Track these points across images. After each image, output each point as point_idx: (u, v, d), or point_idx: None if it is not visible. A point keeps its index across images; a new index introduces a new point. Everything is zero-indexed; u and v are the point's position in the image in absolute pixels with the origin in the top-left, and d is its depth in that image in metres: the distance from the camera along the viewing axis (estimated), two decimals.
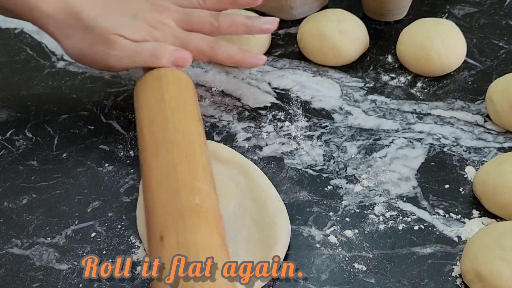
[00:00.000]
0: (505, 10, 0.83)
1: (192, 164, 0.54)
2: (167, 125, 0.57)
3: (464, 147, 0.66)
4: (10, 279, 0.56)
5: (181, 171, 0.53)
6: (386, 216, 0.60)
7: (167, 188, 0.52)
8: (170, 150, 0.55)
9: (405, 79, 0.74)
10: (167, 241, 0.48)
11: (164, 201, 0.51)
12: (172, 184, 0.52)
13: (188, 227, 0.49)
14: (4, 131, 0.70)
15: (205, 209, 0.51)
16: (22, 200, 0.63)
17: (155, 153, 0.56)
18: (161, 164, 0.54)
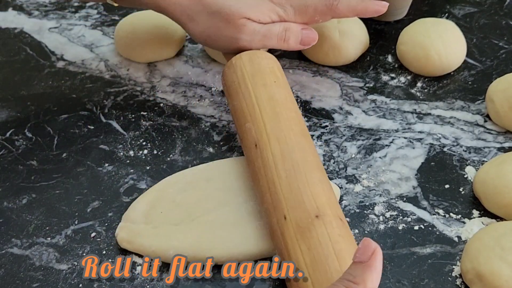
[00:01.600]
0: (505, 10, 0.83)
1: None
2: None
3: (464, 147, 0.66)
4: (10, 279, 0.56)
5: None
6: (386, 216, 0.60)
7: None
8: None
9: (405, 79, 0.74)
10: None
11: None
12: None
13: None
14: (4, 131, 0.70)
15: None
16: (22, 200, 0.63)
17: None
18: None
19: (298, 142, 0.57)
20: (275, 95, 0.61)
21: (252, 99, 0.61)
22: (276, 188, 0.54)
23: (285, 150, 0.56)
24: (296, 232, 0.51)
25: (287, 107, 0.60)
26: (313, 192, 0.53)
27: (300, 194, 0.53)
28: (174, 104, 0.72)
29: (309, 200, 0.52)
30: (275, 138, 0.57)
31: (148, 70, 0.77)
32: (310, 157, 0.56)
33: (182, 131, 0.69)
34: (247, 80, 0.63)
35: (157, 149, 0.67)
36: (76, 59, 0.79)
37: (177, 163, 0.66)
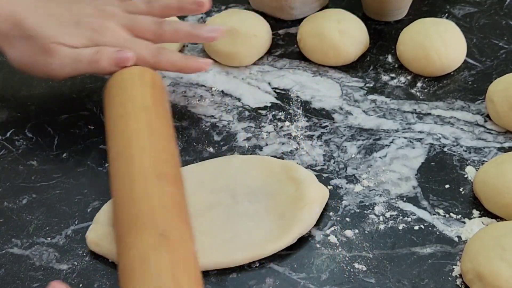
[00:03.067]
0: (505, 10, 0.83)
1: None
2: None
3: (464, 147, 0.66)
4: (10, 279, 0.56)
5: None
6: (386, 216, 0.60)
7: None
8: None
9: (405, 79, 0.74)
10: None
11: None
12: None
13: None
14: (4, 131, 0.70)
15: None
16: (22, 200, 0.63)
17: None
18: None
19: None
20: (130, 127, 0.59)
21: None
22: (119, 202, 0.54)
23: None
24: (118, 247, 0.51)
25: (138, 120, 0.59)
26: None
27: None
28: (174, 104, 0.72)
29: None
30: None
31: None
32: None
33: (182, 131, 0.69)
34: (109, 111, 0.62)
35: None
36: None
37: None
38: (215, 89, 0.74)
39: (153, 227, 0.49)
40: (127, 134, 0.57)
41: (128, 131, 0.58)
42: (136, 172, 0.54)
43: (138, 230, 0.49)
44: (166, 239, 0.49)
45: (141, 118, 0.59)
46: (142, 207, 0.51)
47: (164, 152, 0.57)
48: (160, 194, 0.52)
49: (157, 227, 0.49)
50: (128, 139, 0.57)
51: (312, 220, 0.59)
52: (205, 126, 0.70)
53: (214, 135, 0.69)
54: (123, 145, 0.57)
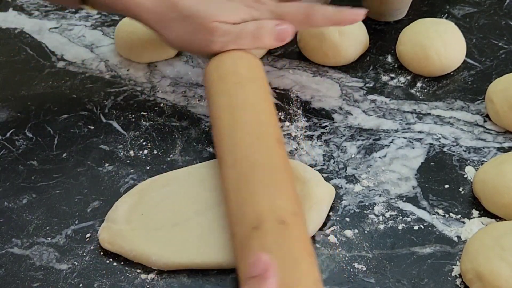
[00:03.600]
0: (505, 10, 0.83)
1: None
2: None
3: (463, 147, 0.66)
4: (10, 279, 0.56)
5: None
6: (386, 216, 0.60)
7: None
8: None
9: (405, 79, 0.74)
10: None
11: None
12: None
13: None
14: (4, 131, 0.70)
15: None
16: (22, 200, 0.63)
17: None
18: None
19: (252, 146, 0.56)
20: (236, 98, 0.60)
21: (215, 107, 0.61)
22: (228, 202, 0.54)
23: (237, 159, 0.56)
24: (239, 249, 0.50)
25: (246, 109, 0.59)
26: (255, 200, 0.52)
27: (244, 206, 0.52)
28: (174, 104, 0.73)
29: (249, 212, 0.51)
30: (229, 147, 0.57)
31: (148, 70, 0.77)
32: (262, 159, 0.55)
33: (182, 131, 0.69)
34: (212, 88, 0.63)
35: (157, 149, 0.67)
36: (76, 59, 0.79)
37: (177, 163, 0.66)
38: None
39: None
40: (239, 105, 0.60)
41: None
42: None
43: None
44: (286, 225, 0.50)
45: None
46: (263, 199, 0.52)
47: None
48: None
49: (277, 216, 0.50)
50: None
51: (320, 220, 0.59)
52: (205, 126, 0.70)
53: None
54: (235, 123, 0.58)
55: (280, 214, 0.51)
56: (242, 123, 0.58)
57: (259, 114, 0.60)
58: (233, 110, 0.60)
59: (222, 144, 0.58)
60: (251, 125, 0.58)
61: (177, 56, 0.79)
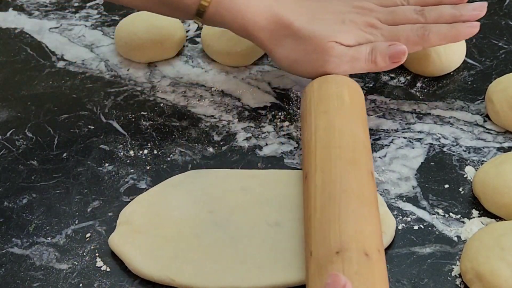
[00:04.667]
0: (505, 10, 0.83)
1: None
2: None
3: (463, 147, 0.66)
4: (10, 279, 0.57)
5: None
6: None
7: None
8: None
9: (405, 79, 0.74)
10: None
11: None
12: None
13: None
14: (4, 131, 0.70)
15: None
16: (22, 199, 0.63)
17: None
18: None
19: (343, 171, 0.55)
20: (334, 121, 0.59)
21: (311, 127, 0.60)
22: (310, 222, 0.53)
23: (326, 181, 0.54)
24: (316, 270, 0.49)
25: (343, 133, 0.58)
26: (342, 225, 0.51)
27: (328, 228, 0.51)
28: (174, 104, 0.73)
29: (334, 235, 0.50)
30: (320, 168, 0.56)
31: (148, 70, 0.77)
32: (353, 186, 0.54)
33: (182, 131, 0.69)
34: (312, 108, 0.62)
35: (157, 149, 0.67)
36: (76, 59, 0.79)
37: (177, 163, 0.66)
38: (215, 89, 0.74)
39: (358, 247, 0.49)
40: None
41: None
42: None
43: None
44: (369, 259, 0.49)
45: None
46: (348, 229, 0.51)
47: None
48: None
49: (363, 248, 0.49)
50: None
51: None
52: (205, 126, 0.70)
53: (214, 135, 0.69)
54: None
55: (365, 245, 0.49)
56: (338, 147, 0.57)
57: (356, 142, 0.58)
58: (330, 132, 0.59)
59: (311, 162, 0.57)
60: (347, 151, 0.57)
61: (177, 56, 0.79)
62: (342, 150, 0.57)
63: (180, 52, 0.79)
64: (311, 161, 0.57)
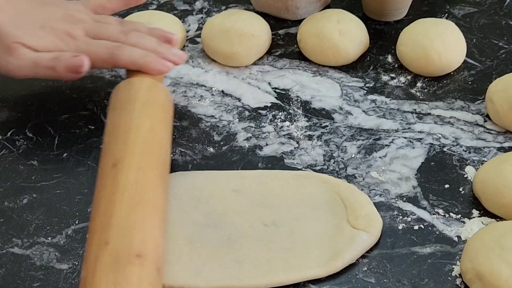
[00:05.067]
0: (505, 10, 0.83)
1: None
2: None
3: (464, 147, 0.66)
4: (10, 279, 0.57)
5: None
6: (386, 216, 0.60)
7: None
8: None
9: (405, 79, 0.74)
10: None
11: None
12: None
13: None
14: (5, 131, 0.70)
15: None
16: (23, 199, 0.63)
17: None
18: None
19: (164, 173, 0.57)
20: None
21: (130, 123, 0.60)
22: (114, 212, 0.53)
23: (140, 181, 0.55)
24: (112, 262, 0.50)
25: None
26: (145, 232, 0.52)
27: (133, 228, 0.52)
28: (175, 104, 0.72)
29: (138, 239, 0.51)
30: (135, 165, 0.56)
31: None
32: (158, 191, 0.56)
33: (183, 131, 0.69)
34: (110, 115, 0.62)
35: None
36: None
37: (178, 163, 0.66)
38: (215, 89, 0.74)
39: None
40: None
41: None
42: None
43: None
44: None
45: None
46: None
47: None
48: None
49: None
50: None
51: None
52: (205, 126, 0.70)
53: (214, 135, 0.69)
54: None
55: (156, 260, 0.51)
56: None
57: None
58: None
59: (128, 151, 0.57)
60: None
61: None
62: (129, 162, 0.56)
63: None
64: (125, 155, 0.56)
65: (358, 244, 0.56)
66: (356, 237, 0.56)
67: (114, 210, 0.52)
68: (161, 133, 0.60)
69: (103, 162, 0.57)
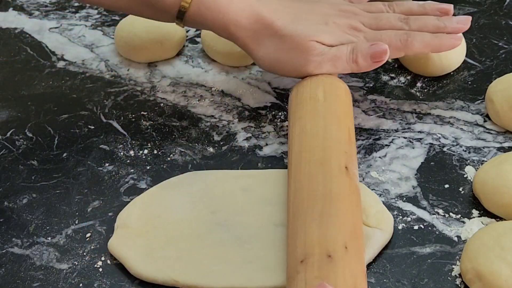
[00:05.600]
0: (505, 10, 0.83)
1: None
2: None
3: (463, 147, 0.66)
4: (10, 279, 0.57)
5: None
6: None
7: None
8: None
9: (405, 79, 0.74)
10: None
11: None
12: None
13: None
14: (5, 131, 0.70)
15: None
16: (23, 199, 0.63)
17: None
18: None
19: (311, 174, 0.55)
20: (306, 126, 0.60)
21: (289, 135, 0.61)
22: (288, 231, 0.53)
23: (297, 188, 0.55)
24: (286, 282, 0.50)
25: (314, 136, 0.59)
26: (307, 232, 0.51)
27: (296, 238, 0.51)
28: (174, 104, 0.73)
29: (300, 244, 0.50)
30: (293, 177, 0.56)
31: (148, 70, 0.77)
32: (319, 187, 0.54)
33: (182, 131, 0.69)
34: (290, 115, 0.63)
35: (157, 149, 0.67)
36: (77, 59, 0.79)
37: (177, 163, 0.66)
38: (215, 89, 0.74)
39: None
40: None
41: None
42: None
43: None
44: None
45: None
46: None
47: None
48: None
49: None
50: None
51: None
52: (205, 126, 0.70)
53: (214, 135, 0.69)
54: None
55: (328, 247, 0.49)
56: (307, 151, 0.57)
57: (327, 140, 0.58)
58: (301, 137, 0.59)
59: (289, 173, 0.58)
60: (316, 153, 0.57)
61: (177, 56, 0.79)
62: (311, 153, 0.57)
63: (180, 52, 0.79)
64: (289, 171, 0.58)
65: (374, 242, 0.56)
66: (371, 235, 0.56)
67: (287, 231, 0.53)
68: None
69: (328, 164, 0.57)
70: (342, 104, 0.63)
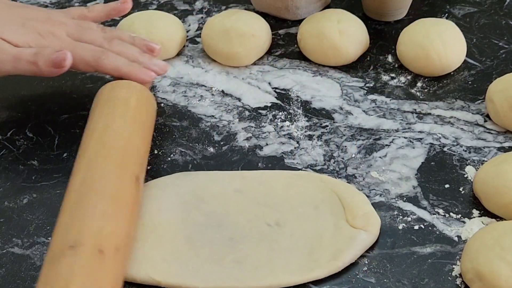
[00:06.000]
0: (505, 10, 0.83)
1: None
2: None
3: (464, 146, 0.66)
4: (10, 279, 0.57)
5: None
6: (386, 216, 0.60)
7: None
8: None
9: (405, 79, 0.74)
10: None
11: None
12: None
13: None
14: (5, 131, 0.70)
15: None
16: (23, 199, 0.63)
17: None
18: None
19: (105, 172, 0.56)
20: (113, 124, 0.60)
21: (91, 126, 0.61)
22: (59, 216, 0.54)
23: (87, 179, 0.55)
24: (50, 260, 0.50)
25: (118, 136, 0.59)
26: (83, 222, 0.52)
27: (70, 223, 0.52)
28: (175, 104, 0.73)
29: (72, 230, 0.51)
30: (85, 167, 0.56)
31: None
32: (109, 186, 0.55)
33: (183, 131, 0.69)
34: (97, 109, 0.63)
35: (157, 149, 0.67)
36: None
37: (178, 163, 0.66)
38: (215, 89, 0.74)
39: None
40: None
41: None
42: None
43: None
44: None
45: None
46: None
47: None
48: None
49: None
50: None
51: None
52: (205, 126, 0.70)
53: (214, 135, 0.69)
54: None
55: (102, 243, 0.51)
56: (108, 148, 0.58)
57: (130, 145, 0.59)
58: (105, 133, 0.59)
59: (81, 160, 0.58)
60: (116, 154, 0.58)
61: (177, 56, 0.79)
62: (111, 152, 0.57)
63: (180, 52, 0.79)
64: (82, 159, 0.57)
65: (358, 243, 0.56)
66: (356, 237, 0.56)
67: (60, 214, 0.54)
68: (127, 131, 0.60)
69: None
70: (149, 115, 0.64)
